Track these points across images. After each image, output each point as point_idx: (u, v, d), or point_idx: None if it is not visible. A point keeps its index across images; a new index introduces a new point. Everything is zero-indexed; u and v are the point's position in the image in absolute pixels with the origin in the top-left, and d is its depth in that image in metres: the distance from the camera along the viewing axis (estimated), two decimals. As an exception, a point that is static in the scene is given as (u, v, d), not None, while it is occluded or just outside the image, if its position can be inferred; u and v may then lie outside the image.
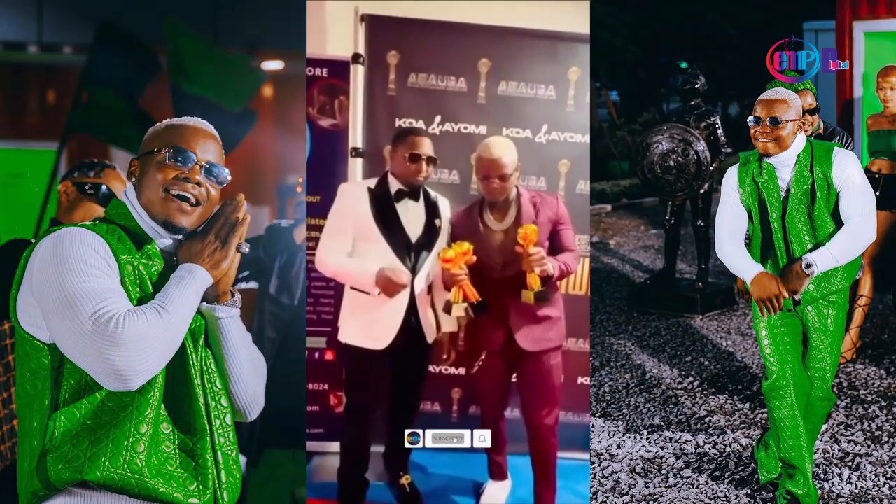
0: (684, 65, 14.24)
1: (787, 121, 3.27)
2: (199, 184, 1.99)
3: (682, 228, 6.79)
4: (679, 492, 3.88)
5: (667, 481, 3.97)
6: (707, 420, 4.58)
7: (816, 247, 3.31)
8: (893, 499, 3.76)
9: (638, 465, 4.13)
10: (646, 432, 4.47)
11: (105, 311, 1.77)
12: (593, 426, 4.53)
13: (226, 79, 5.57)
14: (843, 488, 3.84)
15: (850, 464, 4.04)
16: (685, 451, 4.25)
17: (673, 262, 6.81)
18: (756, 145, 3.33)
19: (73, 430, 1.84)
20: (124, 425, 1.85)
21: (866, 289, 5.14)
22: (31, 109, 7.68)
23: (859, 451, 4.16)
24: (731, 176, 3.44)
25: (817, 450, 4.13)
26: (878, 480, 3.89)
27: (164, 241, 2.01)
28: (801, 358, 3.47)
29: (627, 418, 4.66)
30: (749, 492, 3.84)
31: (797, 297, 3.34)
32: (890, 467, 4.00)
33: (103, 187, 3.22)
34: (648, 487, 3.93)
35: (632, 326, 6.24)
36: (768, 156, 3.32)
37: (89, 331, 1.76)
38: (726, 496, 3.82)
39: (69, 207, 3.22)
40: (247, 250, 2.04)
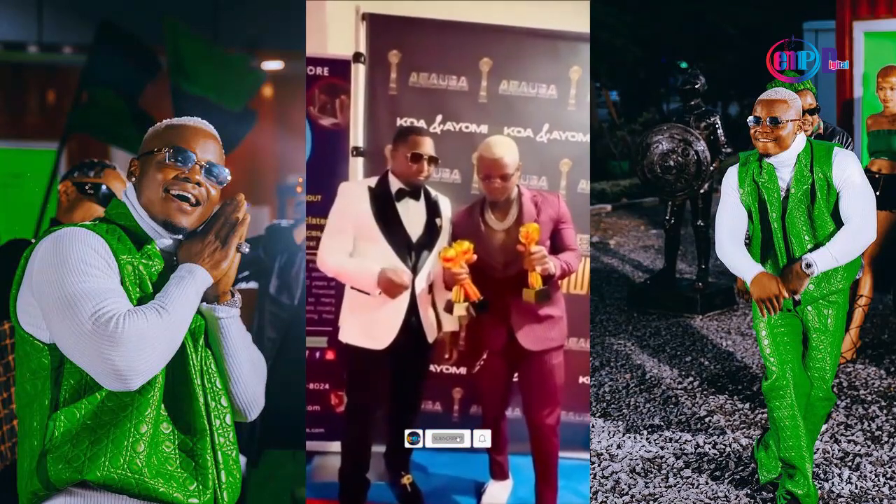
0: (684, 65, 14.24)
1: (787, 121, 3.27)
2: (199, 184, 1.99)
3: (682, 228, 6.79)
4: (679, 492, 3.88)
5: (667, 481, 3.97)
6: (707, 420, 4.58)
7: (816, 247, 3.31)
8: (893, 499, 3.76)
9: (638, 465, 4.13)
10: (646, 432, 4.47)
11: (105, 311, 1.77)
12: (593, 426, 4.53)
13: (226, 79, 5.57)
14: (843, 488, 3.84)
15: (850, 464, 4.04)
16: (685, 451, 4.25)
17: (673, 262, 6.81)
18: (756, 145, 3.33)
19: (73, 430, 1.84)
20: (124, 425, 1.85)
21: (866, 289, 5.14)
22: (31, 109, 7.68)
23: (859, 451, 4.16)
24: (731, 176, 3.44)
25: (817, 450, 4.13)
26: (878, 480, 3.89)
27: (164, 241, 2.01)
28: (801, 358, 3.47)
29: (627, 418, 4.65)
30: (749, 492, 3.84)
31: (797, 297, 3.34)
32: (890, 467, 4.00)
33: (103, 187, 3.22)
34: (648, 487, 3.93)
35: (632, 326, 6.24)
36: (768, 156, 3.32)
37: (89, 331, 1.76)
38: (726, 496, 3.82)
39: (69, 207, 3.22)
40: (247, 250, 2.04)
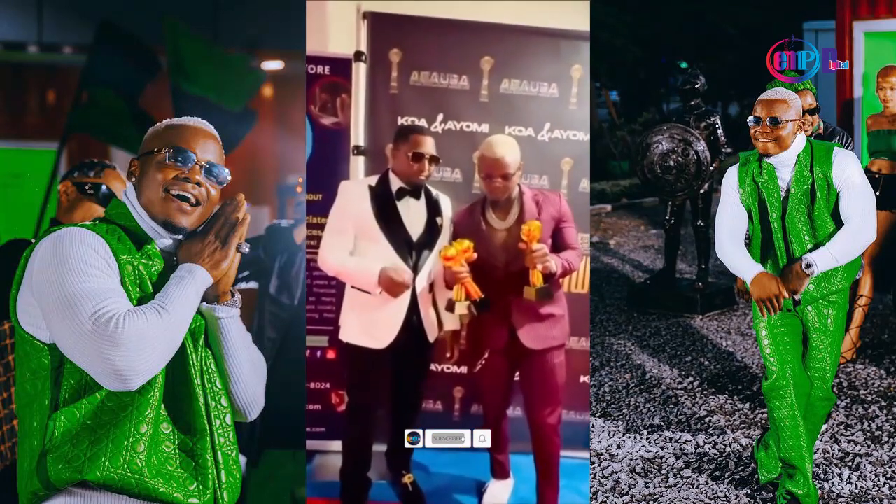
0: (684, 65, 14.24)
1: (787, 121, 3.27)
2: (199, 184, 1.99)
3: (682, 228, 6.79)
4: (679, 492, 3.88)
5: (667, 481, 3.97)
6: (707, 420, 4.58)
7: (816, 247, 3.31)
8: (893, 499, 3.76)
9: (638, 465, 4.13)
10: (646, 432, 4.47)
11: (105, 311, 1.77)
12: (593, 426, 4.53)
13: (226, 79, 5.57)
14: (843, 488, 3.84)
15: (850, 464, 4.04)
16: (685, 451, 4.25)
17: (673, 262, 6.81)
18: (756, 145, 3.33)
19: (73, 430, 1.84)
20: (124, 425, 1.85)
21: (866, 289, 5.14)
22: (31, 109, 7.68)
23: (859, 451, 4.16)
24: (731, 176, 3.44)
25: (817, 450, 4.13)
26: (878, 480, 3.89)
27: (164, 241, 2.01)
28: (801, 358, 3.47)
29: (627, 418, 4.65)
30: (749, 492, 3.84)
31: (797, 297, 3.34)
32: (890, 467, 4.00)
33: (103, 187, 3.22)
34: (648, 487, 3.92)
35: (632, 326, 6.23)
36: (768, 156, 3.32)
37: (89, 331, 1.76)
38: (726, 496, 3.82)
39: (69, 207, 3.22)
40: (247, 250, 2.04)
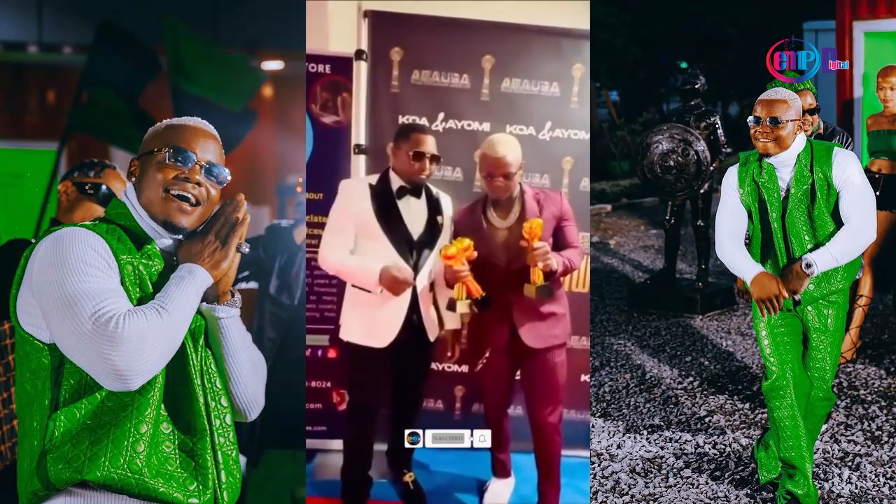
0: (684, 65, 14.23)
1: (787, 121, 3.27)
2: (199, 184, 1.99)
3: (682, 228, 6.79)
4: (679, 492, 3.88)
5: (667, 481, 3.97)
6: (707, 420, 4.58)
7: (816, 247, 3.31)
8: (893, 499, 3.76)
9: (638, 465, 4.13)
10: (646, 432, 4.47)
11: (105, 311, 1.77)
12: (593, 426, 4.53)
13: (226, 79, 5.57)
14: (843, 488, 3.84)
15: (850, 464, 4.04)
16: (685, 451, 4.25)
17: (673, 262, 6.81)
18: (756, 145, 3.33)
19: (73, 430, 1.84)
20: (124, 425, 1.85)
21: (866, 289, 5.14)
22: (31, 109, 7.68)
23: (859, 451, 4.16)
24: (731, 176, 3.44)
25: (817, 450, 4.13)
26: (878, 480, 3.89)
27: (164, 241, 2.01)
28: (801, 358, 3.47)
29: (627, 418, 4.65)
30: (749, 492, 3.84)
31: (797, 297, 3.34)
32: (890, 467, 4.00)
33: (103, 187, 3.22)
34: (648, 487, 3.92)
35: (632, 326, 6.23)
36: (768, 156, 3.32)
37: (89, 331, 1.76)
38: (726, 496, 3.82)
39: (69, 207, 3.22)
40: (247, 250, 2.04)
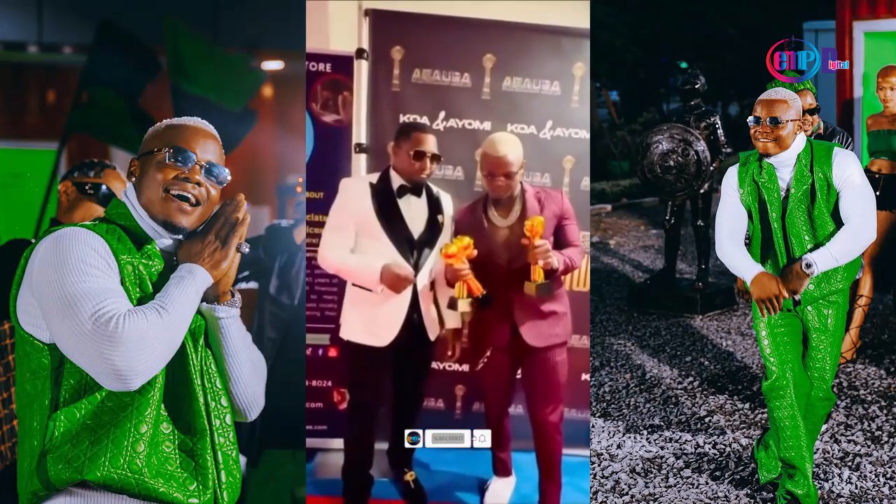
0: (684, 65, 14.24)
1: (787, 121, 3.27)
2: (199, 184, 1.99)
3: (682, 228, 6.79)
4: (679, 492, 3.88)
5: (667, 481, 3.97)
6: (707, 420, 4.58)
7: (816, 247, 3.31)
8: (893, 499, 3.76)
9: (638, 465, 4.13)
10: (646, 432, 4.47)
11: (105, 311, 1.77)
12: (593, 426, 4.53)
13: (226, 79, 5.57)
14: (843, 488, 3.84)
15: (850, 464, 4.04)
16: (685, 451, 4.25)
17: (673, 262, 6.81)
18: (756, 145, 3.33)
19: (73, 430, 1.84)
20: (124, 425, 1.85)
21: (866, 289, 5.14)
22: (31, 109, 7.69)
23: (859, 451, 4.16)
24: (731, 176, 3.44)
25: (817, 450, 4.13)
26: (878, 480, 3.89)
27: (164, 241, 2.01)
28: (801, 358, 3.47)
29: (627, 418, 4.65)
30: (749, 492, 3.84)
31: (797, 297, 3.34)
32: (890, 467, 4.00)
33: (103, 187, 3.22)
34: (648, 487, 3.92)
35: (632, 326, 6.23)
36: (768, 156, 3.32)
37: (89, 331, 1.76)
38: (726, 496, 3.82)
39: (69, 207, 3.22)
40: (247, 250, 2.04)
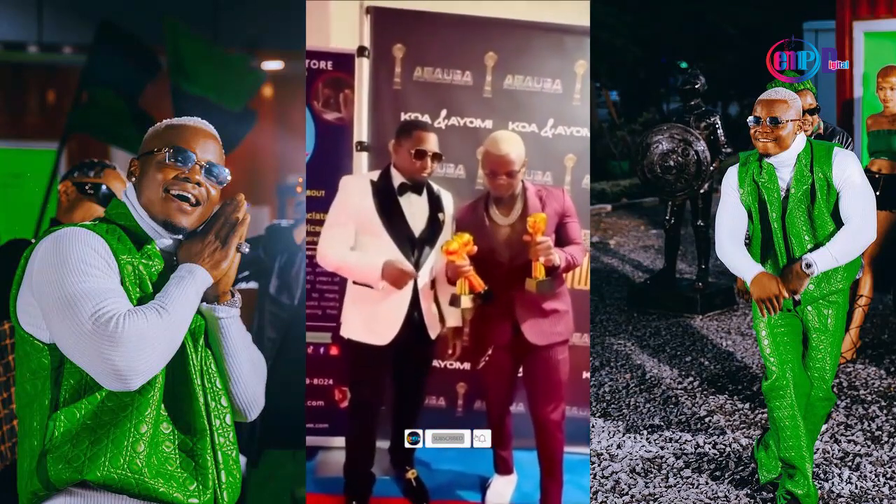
0: (684, 65, 14.24)
1: (787, 121, 3.27)
2: (199, 184, 1.99)
3: (682, 228, 6.79)
4: (679, 492, 3.88)
5: (667, 481, 3.97)
6: (707, 420, 4.58)
7: (816, 247, 3.31)
8: (893, 499, 3.76)
9: (638, 465, 4.13)
10: (646, 432, 4.47)
11: (105, 311, 1.77)
12: (593, 426, 4.53)
13: (226, 79, 5.57)
14: (843, 488, 3.84)
15: (850, 464, 4.04)
16: (685, 451, 4.25)
17: (673, 262, 6.81)
18: (756, 145, 3.33)
19: (73, 430, 1.84)
20: (124, 425, 1.85)
21: (866, 289, 5.14)
22: (31, 109, 7.69)
23: (859, 451, 4.16)
24: (731, 176, 3.44)
25: (817, 450, 4.13)
26: (878, 480, 3.89)
27: (164, 241, 2.01)
28: (801, 358, 3.47)
29: (627, 418, 4.65)
30: (749, 492, 3.84)
31: (797, 297, 3.34)
32: (890, 467, 4.00)
33: (103, 187, 3.22)
34: (648, 487, 3.93)
35: (632, 326, 6.23)
36: (768, 156, 3.32)
37: (89, 331, 1.76)
38: (726, 496, 3.82)
39: (69, 207, 3.22)
40: (247, 250, 2.04)
